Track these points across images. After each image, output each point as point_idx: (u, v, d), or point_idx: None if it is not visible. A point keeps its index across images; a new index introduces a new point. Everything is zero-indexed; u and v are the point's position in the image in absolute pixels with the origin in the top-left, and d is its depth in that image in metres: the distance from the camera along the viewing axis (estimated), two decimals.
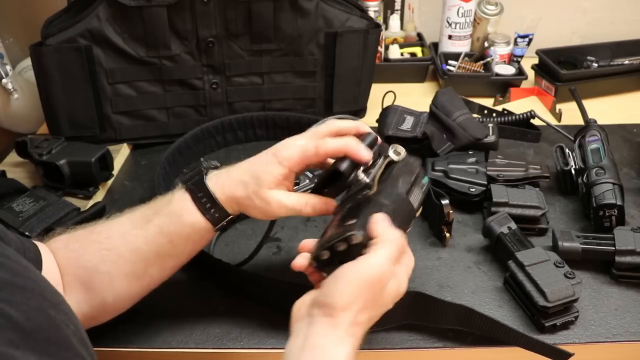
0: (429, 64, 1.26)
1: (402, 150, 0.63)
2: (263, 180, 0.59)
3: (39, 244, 0.60)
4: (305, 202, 0.60)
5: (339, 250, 0.53)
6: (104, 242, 0.60)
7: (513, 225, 0.76)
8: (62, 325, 0.44)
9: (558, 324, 0.66)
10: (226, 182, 0.60)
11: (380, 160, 0.62)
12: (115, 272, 0.60)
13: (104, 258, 0.59)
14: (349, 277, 0.51)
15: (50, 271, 0.58)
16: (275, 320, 0.68)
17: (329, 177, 0.62)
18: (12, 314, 0.39)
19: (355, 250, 0.53)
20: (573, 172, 0.87)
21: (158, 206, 0.61)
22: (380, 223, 0.54)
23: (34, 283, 0.46)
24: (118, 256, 0.59)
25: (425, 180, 0.64)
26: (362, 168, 0.60)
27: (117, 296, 0.61)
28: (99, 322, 0.62)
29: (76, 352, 0.43)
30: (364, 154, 0.59)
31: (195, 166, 0.63)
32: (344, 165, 0.59)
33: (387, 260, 0.52)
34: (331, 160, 0.62)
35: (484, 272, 0.75)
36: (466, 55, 1.25)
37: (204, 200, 0.59)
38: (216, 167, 0.64)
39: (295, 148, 0.61)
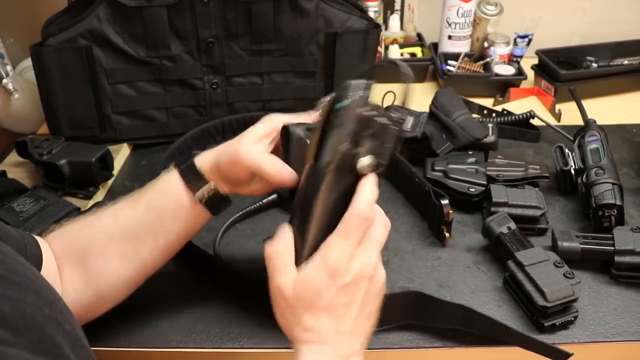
0: (428, 64, 1.26)
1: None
2: (245, 136, 0.60)
3: (39, 239, 0.61)
4: (273, 162, 0.59)
5: None
6: (96, 225, 0.62)
7: (512, 225, 0.76)
8: (57, 324, 0.44)
9: (557, 324, 0.66)
10: (212, 152, 0.62)
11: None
12: (108, 254, 0.60)
13: (97, 240, 0.61)
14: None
15: (49, 267, 0.59)
16: (275, 321, 0.68)
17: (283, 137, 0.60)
18: (6, 312, 0.39)
19: None
20: (572, 172, 0.87)
21: (148, 185, 0.63)
22: (266, 245, 0.54)
23: (30, 281, 0.46)
24: (110, 237, 0.60)
25: (341, 105, 0.53)
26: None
27: (112, 282, 0.61)
28: (96, 314, 0.62)
29: (66, 352, 0.43)
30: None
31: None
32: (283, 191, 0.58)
33: (274, 275, 0.53)
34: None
35: (483, 272, 0.75)
36: (466, 55, 1.25)
37: (188, 172, 0.61)
38: None
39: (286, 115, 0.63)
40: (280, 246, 0.53)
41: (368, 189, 0.53)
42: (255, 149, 0.59)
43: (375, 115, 0.53)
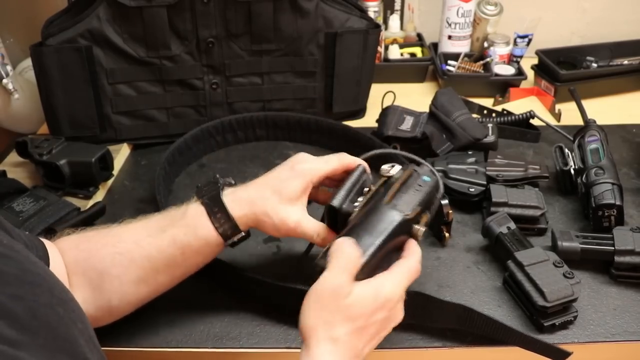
0: (428, 64, 1.26)
1: (392, 167, 0.64)
2: (283, 194, 0.61)
3: (45, 241, 0.60)
4: (317, 232, 0.62)
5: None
6: (117, 246, 0.61)
7: (512, 225, 0.76)
8: (70, 323, 0.44)
9: (557, 324, 0.66)
10: (243, 198, 0.61)
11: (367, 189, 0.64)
12: (125, 276, 0.60)
13: (116, 262, 0.60)
14: (308, 299, 0.53)
15: (56, 269, 0.58)
16: (275, 321, 0.68)
17: (328, 215, 0.64)
18: (19, 312, 0.39)
19: None
20: (572, 172, 0.87)
21: (173, 217, 0.62)
22: (335, 243, 0.55)
23: (42, 279, 0.46)
24: (130, 261, 0.60)
25: (426, 179, 0.63)
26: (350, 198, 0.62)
27: (124, 300, 0.61)
28: (101, 324, 0.62)
29: (84, 350, 0.43)
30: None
31: (210, 181, 0.64)
32: (336, 200, 0.61)
33: (339, 272, 0.52)
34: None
35: (483, 272, 0.75)
36: (466, 55, 1.25)
37: (219, 215, 0.60)
38: (231, 184, 0.65)
39: (314, 159, 0.64)
40: (356, 252, 0.54)
41: (419, 248, 0.59)
42: (293, 212, 0.61)
43: (438, 199, 0.64)
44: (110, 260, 0.60)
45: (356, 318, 0.52)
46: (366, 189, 0.63)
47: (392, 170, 0.63)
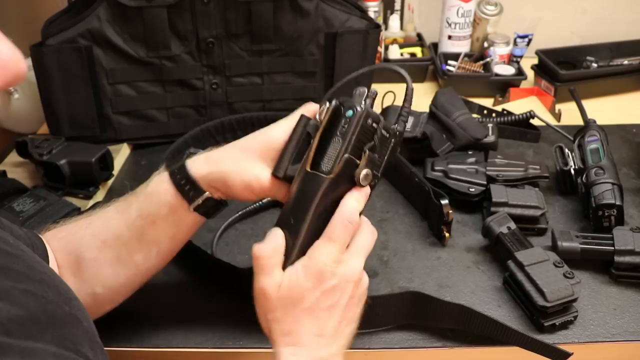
0: (428, 64, 1.27)
1: (326, 106, 0.55)
2: (256, 150, 0.57)
3: (43, 239, 0.60)
4: (279, 188, 0.58)
5: None
6: (89, 228, 0.60)
7: (512, 225, 0.76)
8: (76, 321, 0.44)
9: (557, 324, 0.66)
10: (211, 157, 0.58)
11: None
12: (101, 258, 0.59)
13: (89, 244, 0.59)
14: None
15: (53, 265, 0.59)
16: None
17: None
18: (32, 306, 0.39)
19: None
20: (572, 172, 0.87)
21: (139, 190, 0.60)
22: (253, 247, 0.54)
23: (49, 278, 0.46)
24: (102, 242, 0.59)
25: (349, 114, 0.53)
26: None
27: (106, 286, 0.60)
28: (94, 317, 0.61)
29: (88, 349, 0.43)
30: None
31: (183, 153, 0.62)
32: (276, 170, 0.55)
33: (258, 276, 0.52)
34: None
35: (483, 272, 0.75)
36: (466, 55, 1.25)
37: (179, 176, 0.57)
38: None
39: (281, 121, 0.59)
40: (269, 248, 0.53)
41: (355, 196, 0.54)
42: (265, 169, 0.56)
43: (378, 128, 0.54)
44: (82, 244, 0.59)
45: (296, 303, 0.51)
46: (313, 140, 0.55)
47: (324, 111, 0.55)
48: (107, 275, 0.60)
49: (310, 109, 0.58)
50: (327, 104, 0.55)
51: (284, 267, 0.53)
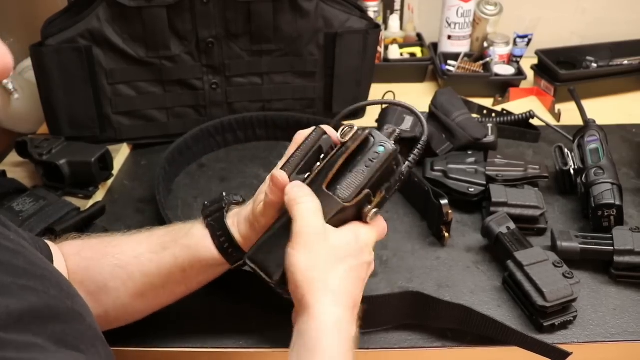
0: (428, 64, 1.26)
1: (351, 129, 0.56)
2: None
3: (49, 243, 0.60)
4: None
5: None
6: (118, 258, 0.60)
7: (512, 225, 0.76)
8: (79, 316, 0.44)
9: (556, 324, 0.66)
10: (242, 222, 0.59)
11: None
12: (124, 290, 0.59)
13: (115, 275, 0.59)
14: (293, 251, 0.51)
15: (60, 270, 0.58)
16: (275, 320, 0.68)
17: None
18: (33, 302, 0.40)
19: None
20: (572, 172, 0.87)
21: (176, 235, 0.60)
22: (289, 191, 0.53)
23: (50, 274, 0.46)
24: (129, 276, 0.59)
25: (380, 150, 0.54)
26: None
27: (121, 311, 0.61)
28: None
29: (90, 344, 0.43)
30: None
31: (216, 200, 0.62)
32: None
33: (312, 215, 0.51)
34: None
35: (482, 272, 0.75)
36: (465, 55, 1.25)
37: (222, 239, 0.58)
38: (238, 203, 0.62)
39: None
40: (314, 197, 0.52)
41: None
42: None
43: (396, 171, 0.56)
44: (109, 272, 0.59)
45: (345, 258, 0.51)
46: (322, 156, 0.57)
47: (350, 134, 0.56)
48: (126, 305, 0.60)
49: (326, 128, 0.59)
50: (355, 128, 0.56)
51: None
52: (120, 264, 0.59)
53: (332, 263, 0.51)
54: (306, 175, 0.56)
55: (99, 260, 0.60)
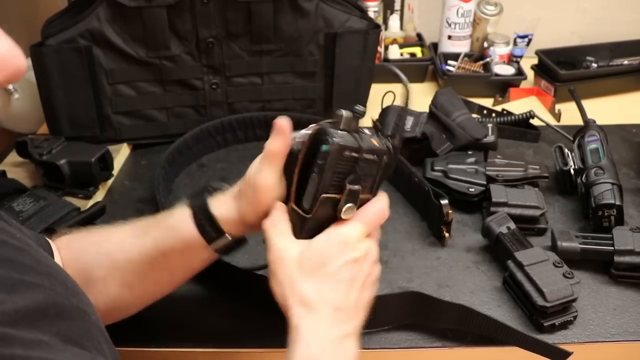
0: (428, 64, 1.26)
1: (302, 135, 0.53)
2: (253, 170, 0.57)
3: (50, 242, 0.60)
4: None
5: None
6: (102, 245, 0.60)
7: (512, 225, 0.76)
8: (84, 314, 0.44)
9: (557, 324, 0.66)
10: (227, 200, 0.58)
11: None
12: (110, 279, 0.59)
13: (100, 262, 0.59)
14: (270, 277, 0.54)
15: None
16: (275, 321, 0.67)
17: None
18: (41, 300, 0.40)
19: None
20: (572, 172, 0.87)
21: (159, 219, 0.60)
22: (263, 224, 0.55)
23: (56, 272, 0.46)
24: (112, 263, 0.59)
25: (325, 149, 0.50)
26: None
27: (110, 304, 0.60)
28: None
29: (96, 342, 0.43)
30: None
31: (203, 186, 0.62)
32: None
33: (278, 239, 0.53)
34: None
35: (483, 272, 0.75)
36: (466, 55, 1.25)
37: (203, 221, 0.58)
38: (222, 190, 0.61)
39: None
40: (279, 217, 0.53)
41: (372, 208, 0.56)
42: (271, 180, 0.55)
43: (358, 157, 0.51)
44: (94, 261, 0.59)
45: (318, 268, 0.51)
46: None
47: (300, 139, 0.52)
48: (114, 294, 0.60)
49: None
50: (309, 131, 0.52)
51: None
52: (106, 252, 0.59)
53: (301, 276, 0.51)
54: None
55: (85, 249, 0.60)
